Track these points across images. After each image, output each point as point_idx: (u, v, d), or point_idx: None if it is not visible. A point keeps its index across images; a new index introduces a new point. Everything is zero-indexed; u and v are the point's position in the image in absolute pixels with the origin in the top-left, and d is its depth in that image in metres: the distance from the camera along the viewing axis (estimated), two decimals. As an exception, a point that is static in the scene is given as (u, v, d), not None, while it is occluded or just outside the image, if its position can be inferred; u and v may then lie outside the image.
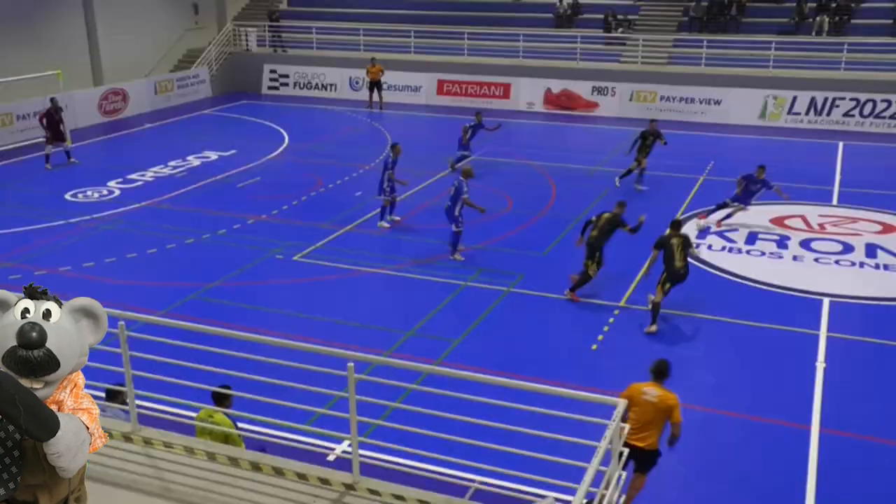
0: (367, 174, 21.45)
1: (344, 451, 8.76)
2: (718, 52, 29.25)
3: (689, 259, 12.92)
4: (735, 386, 11.31)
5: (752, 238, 16.89)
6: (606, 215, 14.14)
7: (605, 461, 5.64)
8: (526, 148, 23.75)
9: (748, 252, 16.15)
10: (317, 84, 34.01)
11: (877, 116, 26.89)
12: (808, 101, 27.65)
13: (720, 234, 17.13)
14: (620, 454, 5.96)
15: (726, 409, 10.72)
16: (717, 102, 28.49)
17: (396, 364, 8.07)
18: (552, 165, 22.77)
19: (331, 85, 33.79)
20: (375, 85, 31.00)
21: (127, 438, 6.87)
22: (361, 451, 6.44)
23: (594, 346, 12.33)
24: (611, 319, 13.23)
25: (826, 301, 13.86)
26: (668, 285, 12.67)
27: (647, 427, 8.08)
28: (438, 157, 22.95)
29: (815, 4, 30.10)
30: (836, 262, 15.64)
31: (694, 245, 12.96)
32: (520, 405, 6.19)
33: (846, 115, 27.24)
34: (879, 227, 17.50)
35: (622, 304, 13.84)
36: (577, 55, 30.94)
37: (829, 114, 27.47)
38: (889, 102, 26.69)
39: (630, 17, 32.16)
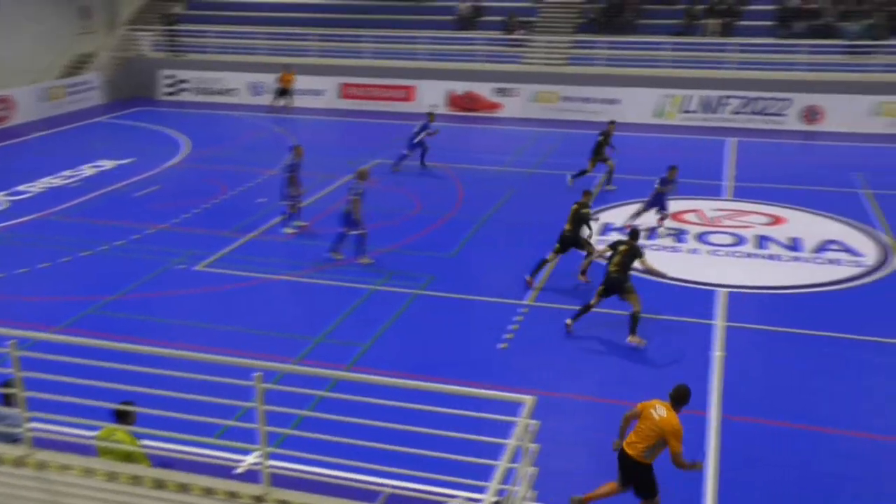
0: (271, 180, 21.13)
1: (253, 463, 8.60)
2: (615, 53, 30.04)
3: (629, 269, 12.65)
4: (636, 377, 11.63)
5: (652, 233, 17.40)
6: (574, 207, 14.64)
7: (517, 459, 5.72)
8: (432, 150, 23.79)
9: (649, 247, 16.63)
10: (217, 89, 33.31)
11: (764, 113, 28.13)
12: (701, 100, 28.71)
13: (622, 231, 17.58)
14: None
15: (629, 399, 11.00)
16: (616, 102, 29.24)
17: (305, 371, 7.99)
18: (458, 167, 22.94)
19: (231, 90, 33.15)
20: (285, 91, 30.67)
21: (19, 463, 6.56)
22: (272, 462, 6.34)
23: (503, 345, 12.48)
24: (519, 318, 13.41)
25: (722, 292, 14.40)
26: (601, 288, 12.74)
27: (642, 438, 8.15)
28: (343, 160, 22.81)
29: (704, 7, 31.25)
30: (730, 253, 16.28)
31: (642, 256, 12.80)
32: (431, 407, 6.21)
33: (736, 112, 28.40)
34: (769, 220, 18.30)
35: (530, 301, 14.05)
36: (480, 57, 31.27)
37: (719, 111, 28.58)
38: (775, 100, 27.96)
39: (530, 19, 32.69)
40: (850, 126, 26.93)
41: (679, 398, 8.26)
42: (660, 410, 8.16)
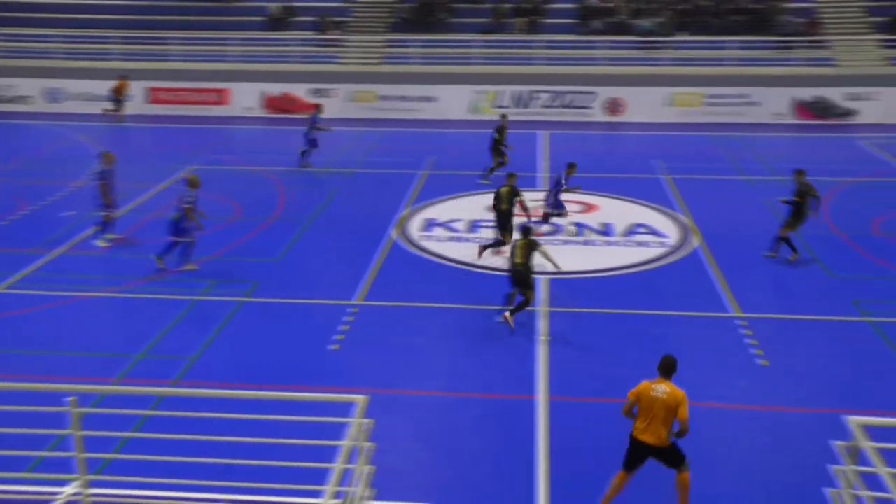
0: (78, 192, 19.87)
1: (73, 494, 8.07)
2: (429, 52, 30.57)
3: (530, 261, 12.84)
4: (467, 369, 11.91)
5: (474, 226, 17.86)
6: (504, 189, 15.80)
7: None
8: (249, 154, 23.29)
9: (471, 240, 17.04)
10: (8, 97, 30.89)
11: (572, 106, 29.58)
12: (513, 95, 29.77)
13: (446, 226, 17.93)
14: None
15: (459, 391, 11.27)
16: (433, 99, 29.76)
17: (124, 391, 7.58)
18: (278, 169, 22.53)
19: (25, 97, 30.85)
20: (118, 99, 28.93)
21: None
22: (93, 490, 5.98)
23: (335, 347, 12.40)
24: (349, 318, 13.37)
25: (544, 279, 15.00)
26: (514, 283, 12.91)
27: (658, 424, 8.14)
28: (156, 169, 21.83)
29: (511, 6, 32.41)
30: (549, 242, 16.98)
31: (540, 247, 13.06)
32: (260, 416, 6.07)
33: (546, 106, 29.69)
34: (583, 207, 19.26)
35: (359, 301, 14.04)
36: (294, 58, 30.86)
37: (530, 106, 29.77)
38: (581, 93, 29.45)
39: (343, 19, 32.61)
40: (649, 116, 28.85)
41: (669, 368, 8.33)
42: (660, 389, 8.19)
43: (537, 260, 13.01)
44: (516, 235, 13.76)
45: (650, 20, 31.07)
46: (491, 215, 18.60)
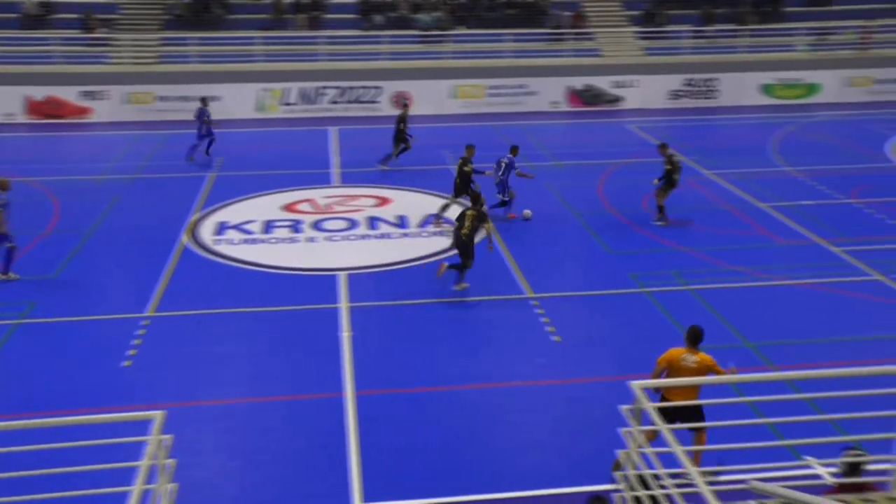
0: None
1: None
2: (208, 50, 29.51)
3: (476, 233, 14.03)
4: (271, 372, 11.67)
5: (268, 227, 17.50)
6: (459, 162, 17.46)
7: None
8: (15, 164, 21.41)
9: (266, 241, 16.69)
10: None
11: (360, 101, 29.68)
12: (300, 92, 29.41)
13: (239, 228, 17.43)
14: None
15: (267, 395, 11.03)
16: (217, 99, 28.74)
17: None
18: (51, 180, 20.90)
19: None
20: None
21: None
22: None
23: (127, 363, 11.71)
24: (141, 331, 12.68)
25: (342, 275, 14.98)
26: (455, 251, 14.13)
27: (691, 387, 8.51)
28: None
29: (290, 1, 31.95)
30: (346, 237, 16.99)
31: (488, 221, 14.27)
32: (45, 445, 5.63)
33: (334, 102, 29.60)
34: (377, 201, 19.41)
35: (150, 312, 13.35)
36: (57, 58, 28.69)
37: (318, 102, 29.56)
38: (367, 88, 29.58)
39: (111, 16, 30.73)
40: (435, 109, 29.52)
41: (696, 337, 8.90)
42: (690, 358, 8.75)
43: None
44: (468, 204, 14.75)
45: (429, 14, 31.80)
46: (281, 213, 18.36)
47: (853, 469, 6.70)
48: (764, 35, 32.15)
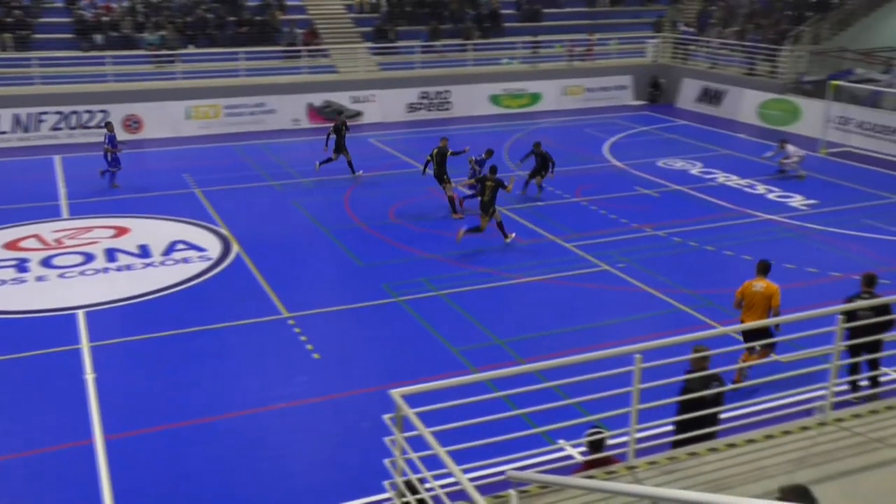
0: None
1: None
2: None
3: (495, 197, 16.92)
4: (13, 426, 10.61)
5: (21, 266, 15.85)
6: (435, 151, 19.19)
7: None
8: None
9: (10, 282, 15.14)
10: None
11: (85, 127, 27.67)
12: (13, 119, 26.88)
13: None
14: None
15: (12, 452, 10.01)
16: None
17: None
18: None
19: None
20: None
21: None
22: None
23: None
24: None
25: (81, 313, 13.92)
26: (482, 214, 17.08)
27: (755, 310, 10.82)
28: None
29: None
30: (82, 272, 15.80)
31: (505, 186, 17.00)
32: None
33: (55, 128, 27.36)
34: (113, 232, 18.22)
35: None
36: None
37: (37, 129, 27.19)
38: (91, 112, 27.62)
39: None
40: (169, 131, 28.25)
41: (765, 268, 11.14)
42: (759, 285, 10.96)
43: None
44: (487, 175, 17.38)
45: (154, 33, 30.40)
46: (2, 252, 16.79)
47: (596, 446, 7.34)
48: (487, 49, 34.19)
